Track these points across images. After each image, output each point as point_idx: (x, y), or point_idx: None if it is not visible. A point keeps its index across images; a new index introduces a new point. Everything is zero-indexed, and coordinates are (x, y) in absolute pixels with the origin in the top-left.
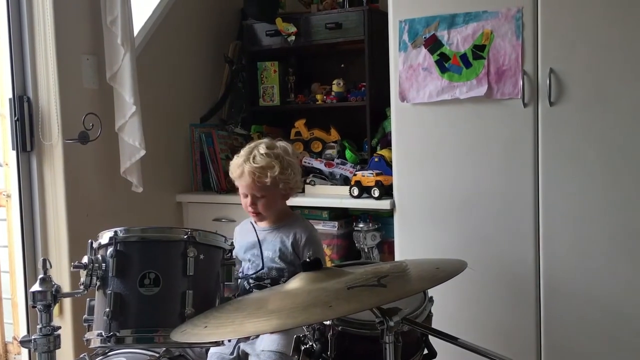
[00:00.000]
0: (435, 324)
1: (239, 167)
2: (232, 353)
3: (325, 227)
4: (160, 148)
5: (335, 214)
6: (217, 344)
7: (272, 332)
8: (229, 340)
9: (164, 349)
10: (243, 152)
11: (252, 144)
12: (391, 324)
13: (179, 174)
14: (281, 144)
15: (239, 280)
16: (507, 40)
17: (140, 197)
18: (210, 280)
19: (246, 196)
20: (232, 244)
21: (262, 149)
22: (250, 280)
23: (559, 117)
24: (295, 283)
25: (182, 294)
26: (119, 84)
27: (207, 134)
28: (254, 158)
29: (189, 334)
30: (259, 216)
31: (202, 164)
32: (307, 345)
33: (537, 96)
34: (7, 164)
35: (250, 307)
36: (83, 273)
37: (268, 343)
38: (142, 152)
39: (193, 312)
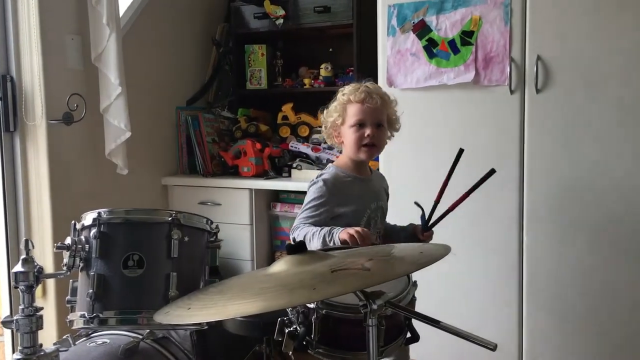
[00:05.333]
0: (420, 309)
1: (364, 91)
2: None
3: None
4: (146, 130)
5: None
6: (201, 325)
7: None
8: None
9: (148, 330)
10: (353, 85)
11: (344, 88)
12: (374, 307)
13: (165, 157)
14: None
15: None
16: (495, 26)
17: (125, 179)
18: (194, 263)
19: (362, 125)
20: (217, 227)
21: (362, 85)
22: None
23: (545, 104)
24: (280, 266)
25: (166, 276)
26: (104, 65)
27: (194, 117)
28: (374, 87)
29: (172, 315)
30: (373, 149)
31: (188, 147)
32: (291, 329)
33: (523, 83)
34: None
35: (234, 289)
36: (66, 254)
37: None
38: (128, 134)
39: (177, 294)
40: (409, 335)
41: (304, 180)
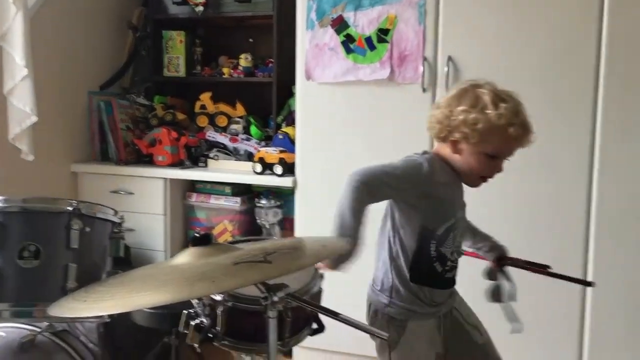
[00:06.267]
0: (326, 300)
1: (523, 126)
2: None
3: (228, 203)
4: (56, 115)
5: (238, 189)
6: (102, 318)
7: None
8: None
9: (47, 323)
10: (512, 104)
11: (491, 92)
12: (275, 299)
13: (76, 143)
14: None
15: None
16: (410, 25)
17: (31, 165)
18: (96, 254)
19: (495, 158)
20: (121, 217)
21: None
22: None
23: None
24: (184, 257)
25: (64, 267)
26: (9, 44)
27: (107, 103)
28: (523, 115)
29: (66, 308)
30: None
31: (100, 133)
32: (197, 321)
33: (435, 82)
34: None
35: (136, 281)
36: None
37: None
38: (34, 119)
39: (76, 286)
40: (316, 326)
41: (221, 171)
